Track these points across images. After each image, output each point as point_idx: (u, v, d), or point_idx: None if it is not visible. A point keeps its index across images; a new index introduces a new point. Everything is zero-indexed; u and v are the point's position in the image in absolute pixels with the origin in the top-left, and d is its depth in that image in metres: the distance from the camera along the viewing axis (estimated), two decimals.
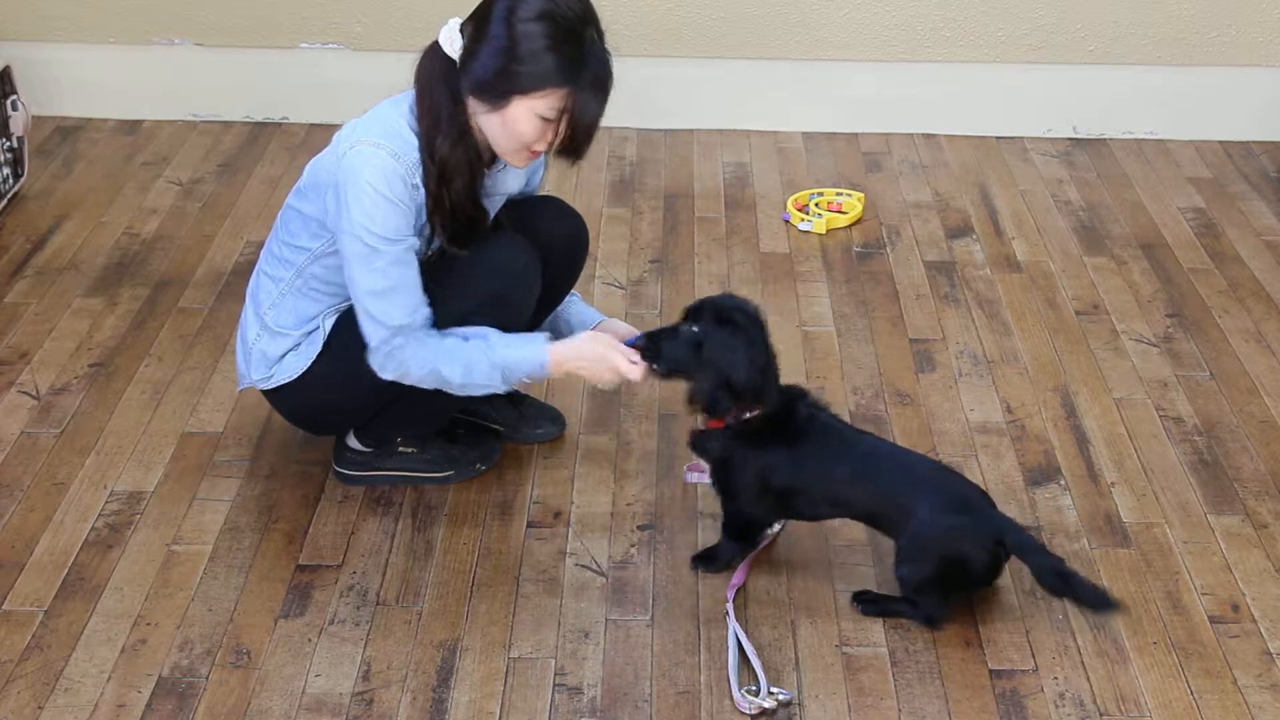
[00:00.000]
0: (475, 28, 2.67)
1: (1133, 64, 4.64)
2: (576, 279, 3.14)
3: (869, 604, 2.76)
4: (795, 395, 2.79)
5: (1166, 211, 4.26)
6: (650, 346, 2.78)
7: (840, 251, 4.02)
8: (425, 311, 2.77)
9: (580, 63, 2.63)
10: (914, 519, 2.67)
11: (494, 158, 2.83)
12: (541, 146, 2.71)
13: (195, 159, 4.47)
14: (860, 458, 2.75)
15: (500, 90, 2.64)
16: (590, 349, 2.81)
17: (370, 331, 2.76)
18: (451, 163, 2.71)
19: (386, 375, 2.80)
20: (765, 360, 2.73)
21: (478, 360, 2.77)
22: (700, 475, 2.97)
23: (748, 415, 2.74)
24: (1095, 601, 2.67)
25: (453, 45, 2.68)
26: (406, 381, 2.81)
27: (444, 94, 2.69)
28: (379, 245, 2.69)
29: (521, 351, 2.79)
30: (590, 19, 2.66)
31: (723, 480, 2.82)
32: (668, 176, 4.43)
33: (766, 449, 2.75)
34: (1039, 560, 2.67)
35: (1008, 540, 2.68)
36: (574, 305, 3.13)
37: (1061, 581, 2.65)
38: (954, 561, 2.67)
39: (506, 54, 2.62)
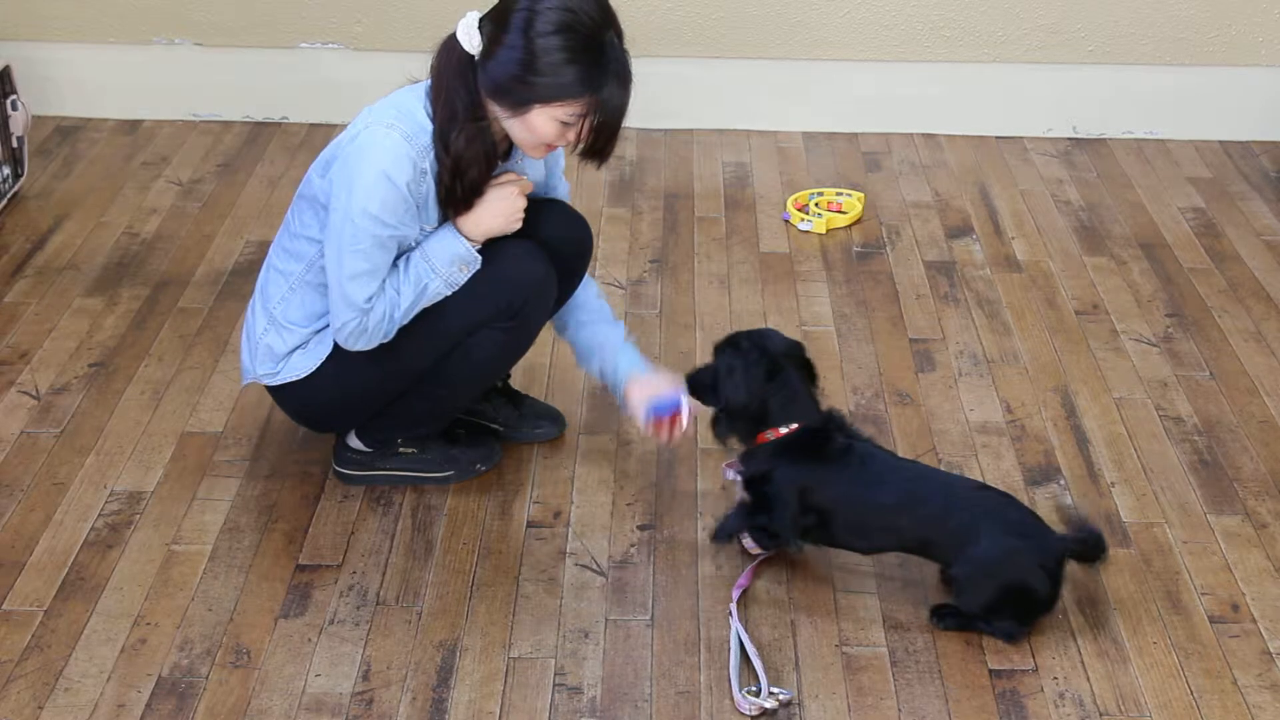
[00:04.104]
0: (494, 30, 2.65)
1: (1133, 64, 4.64)
2: (577, 285, 3.11)
3: (948, 618, 2.72)
4: (834, 420, 2.80)
5: (1166, 211, 4.26)
6: (689, 383, 2.90)
7: (840, 251, 4.02)
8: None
9: (601, 70, 2.62)
10: (974, 546, 2.64)
11: (509, 151, 2.84)
12: (561, 143, 2.72)
13: (195, 159, 4.47)
14: (905, 481, 2.74)
15: (520, 98, 2.64)
16: (493, 205, 2.80)
17: (341, 312, 2.76)
18: (467, 157, 2.71)
19: (355, 349, 2.81)
20: (764, 383, 2.74)
21: (405, 277, 2.77)
22: (735, 474, 2.90)
23: (784, 430, 2.75)
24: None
25: (471, 41, 2.66)
26: (372, 345, 2.81)
27: (461, 88, 2.68)
28: (371, 227, 2.68)
29: (436, 240, 2.78)
30: (608, 23, 2.65)
31: (758, 494, 2.79)
32: (668, 176, 4.43)
33: (806, 465, 2.74)
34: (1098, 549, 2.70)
35: (1086, 542, 2.68)
36: (625, 354, 3.03)
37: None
38: (1014, 588, 2.65)
39: (525, 65, 2.60)
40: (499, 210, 2.80)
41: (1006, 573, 2.65)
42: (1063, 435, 3.26)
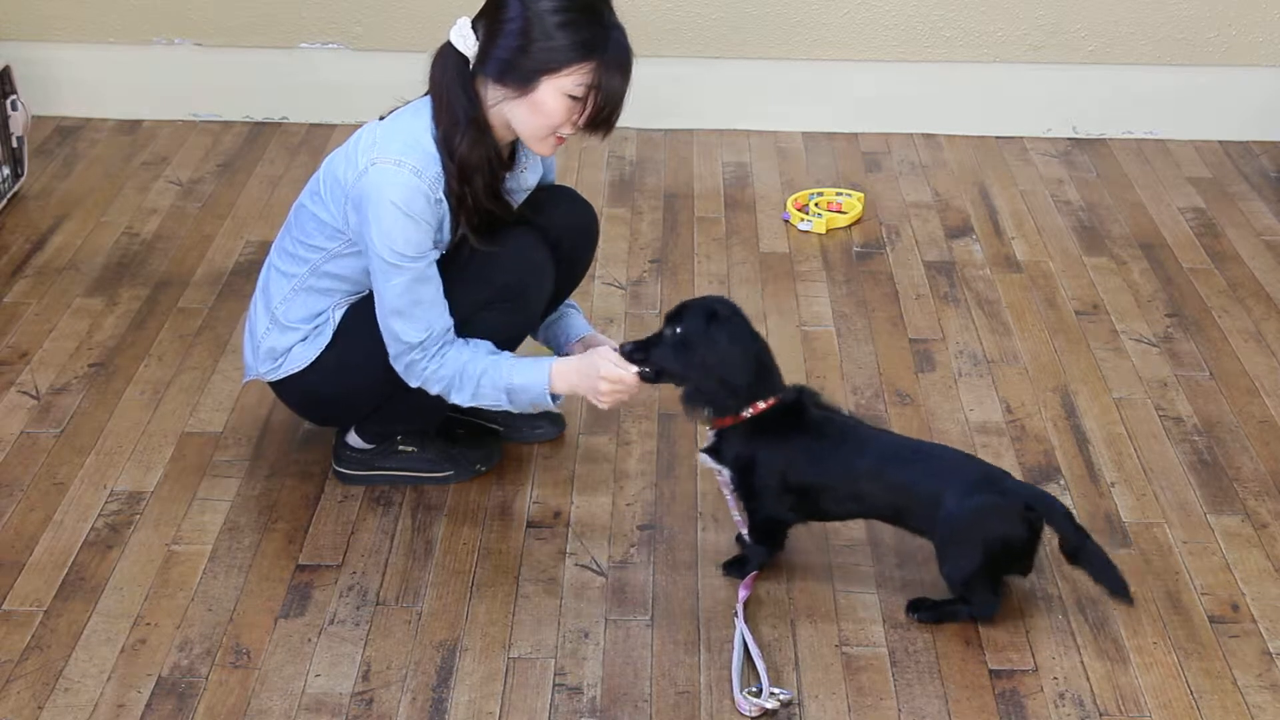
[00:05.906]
0: (490, 18, 2.69)
1: (1133, 64, 4.64)
2: (588, 267, 3.16)
3: (926, 611, 2.73)
4: (804, 391, 2.79)
5: (1166, 211, 4.26)
6: (638, 354, 2.75)
7: (840, 251, 4.02)
8: (444, 323, 2.80)
9: (602, 35, 2.67)
10: (942, 509, 2.65)
11: (513, 159, 2.85)
12: (569, 130, 2.73)
13: (195, 159, 4.48)
14: (879, 451, 2.74)
15: (527, 72, 2.66)
16: (584, 365, 2.81)
17: (389, 343, 2.81)
18: (471, 161, 2.73)
19: (411, 384, 2.85)
20: (756, 351, 2.72)
21: (486, 385, 2.82)
22: (712, 462, 2.84)
23: (762, 406, 2.73)
24: (1111, 584, 2.69)
25: (466, 42, 2.70)
26: (429, 391, 2.85)
27: (459, 93, 2.72)
28: (400, 263, 2.72)
29: (528, 375, 2.81)
30: None
31: (746, 482, 2.77)
32: (667, 176, 4.43)
33: (787, 443, 2.73)
34: (1066, 527, 2.67)
35: (1038, 507, 2.67)
36: (567, 317, 3.14)
37: (1085, 557, 2.68)
38: (995, 542, 2.66)
39: (526, 35, 2.64)
40: (585, 384, 2.81)
41: (984, 529, 2.65)
42: (1062, 435, 3.27)
